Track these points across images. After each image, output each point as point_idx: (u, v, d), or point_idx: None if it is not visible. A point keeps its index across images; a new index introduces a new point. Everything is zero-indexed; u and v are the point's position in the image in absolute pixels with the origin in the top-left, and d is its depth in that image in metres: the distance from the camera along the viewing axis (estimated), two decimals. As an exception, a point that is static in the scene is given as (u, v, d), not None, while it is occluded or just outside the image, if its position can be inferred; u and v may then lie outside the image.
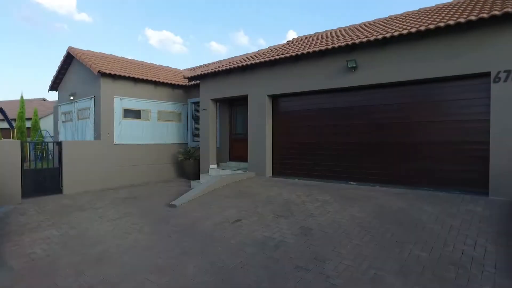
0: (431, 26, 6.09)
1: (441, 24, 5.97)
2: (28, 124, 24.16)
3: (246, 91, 9.46)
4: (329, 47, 7.48)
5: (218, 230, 5.38)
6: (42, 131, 21.70)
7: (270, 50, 10.49)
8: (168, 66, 14.42)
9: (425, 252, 4.05)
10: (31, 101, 28.70)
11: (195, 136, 12.59)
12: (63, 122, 12.61)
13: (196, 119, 12.56)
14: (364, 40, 6.93)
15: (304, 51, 7.91)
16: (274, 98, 9.21)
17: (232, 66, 9.37)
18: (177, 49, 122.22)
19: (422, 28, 6.20)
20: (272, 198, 6.81)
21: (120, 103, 10.63)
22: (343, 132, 7.97)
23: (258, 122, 9.19)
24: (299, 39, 11.43)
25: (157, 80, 11.39)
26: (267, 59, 8.59)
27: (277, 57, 8.39)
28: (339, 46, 7.33)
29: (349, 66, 7.32)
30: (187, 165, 11.49)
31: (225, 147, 11.30)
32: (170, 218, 6.31)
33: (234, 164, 10.99)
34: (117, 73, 10.23)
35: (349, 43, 7.15)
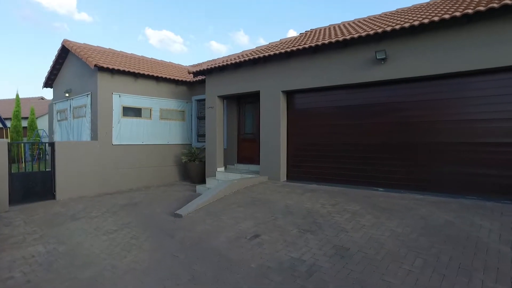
0: (481, 8, 5.22)
1: (495, 5, 5.09)
2: (24, 123, 23.37)
3: (257, 87, 8.60)
4: (355, 36, 6.62)
5: (233, 248, 4.52)
6: (38, 131, 20.86)
7: (282, 42, 9.63)
8: (170, 62, 13.58)
9: (503, 284, 3.18)
10: (28, 99, 27.87)
11: (200, 136, 11.73)
12: (58, 121, 11.77)
13: (201, 117, 11.70)
14: (397, 27, 6.07)
15: (325, 41, 7.04)
16: (289, 94, 8.35)
17: (242, 60, 8.51)
18: (177, 48, 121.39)
19: (470, 10, 5.33)
20: (292, 208, 5.94)
21: (119, 101, 9.78)
22: (367, 132, 7.11)
23: (271, 121, 8.33)
24: (312, 31, 10.56)
25: (159, 75, 10.54)
26: (282, 50, 7.73)
27: (294, 48, 7.53)
28: (367, 35, 6.46)
29: (377, 57, 6.45)
30: (192, 168, 10.63)
31: (233, 148, 10.45)
32: (175, 231, 5.45)
33: (242, 166, 10.13)
34: (116, 68, 9.38)
35: (379, 31, 6.28)
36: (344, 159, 7.42)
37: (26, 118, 22.70)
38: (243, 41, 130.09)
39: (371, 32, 6.38)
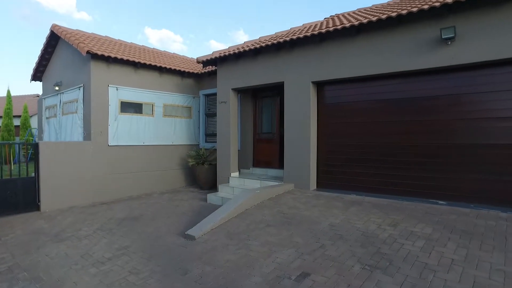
0: None
1: None
2: (17, 122, 21.98)
3: (281, 77, 7.22)
4: (413, 10, 5.24)
5: (278, 299, 3.14)
6: (32, 130, 19.48)
7: (306, 27, 8.23)
8: (175, 53, 12.18)
9: None
10: (23, 97, 26.44)
11: (209, 135, 10.35)
12: (47, 118, 10.38)
13: (210, 115, 10.32)
14: (475, -5, 4.70)
15: (373, 19, 5.66)
16: (320, 86, 6.97)
17: (263, 44, 7.12)
18: (177, 48, 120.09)
19: None
20: (340, 229, 4.56)
21: (116, 94, 8.39)
22: (423, 131, 5.74)
23: (298, 118, 6.95)
24: (339, 15, 9.16)
25: (163, 65, 9.15)
26: (315, 32, 6.34)
27: (330, 29, 6.14)
28: (431, 8, 5.08)
29: (443, 36, 5.07)
30: (200, 172, 9.25)
31: (248, 149, 9.07)
32: (188, 262, 4.07)
33: (259, 171, 8.75)
34: (113, 56, 7.99)
35: (449, 1, 4.90)
36: (392, 164, 6.05)
37: (19, 116, 21.35)
38: (242, 40, 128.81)
39: (437, 4, 4.99)
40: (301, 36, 6.49)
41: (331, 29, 6.09)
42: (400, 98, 6.01)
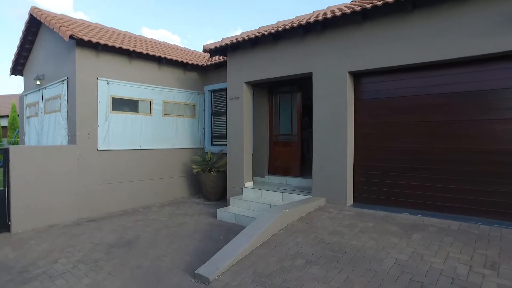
0: None
1: None
2: (5, 122, 20.57)
3: (308, 67, 5.89)
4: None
5: None
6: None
7: (334, 8, 6.90)
8: (175, 44, 10.83)
9: None
10: (9, 96, 24.90)
11: (215, 137, 9.02)
12: (27, 118, 9.01)
13: (217, 113, 8.99)
14: None
15: (437, -14, 4.35)
16: (358, 78, 5.65)
17: (287, 26, 5.78)
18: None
19: None
20: (415, 272, 3.23)
21: (107, 89, 7.04)
22: (502, 133, 4.44)
23: (330, 117, 5.63)
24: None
25: (163, 55, 7.81)
26: (357, 9, 5.02)
27: (378, 2, 4.82)
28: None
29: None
30: (207, 180, 7.90)
31: (262, 154, 7.74)
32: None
33: (277, 180, 7.42)
34: (102, 42, 6.65)
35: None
36: (455, 175, 4.74)
37: (7, 116, 19.93)
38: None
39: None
40: (338, 14, 5.16)
41: (379, 3, 4.77)
42: (467, 91, 4.71)
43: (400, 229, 4.32)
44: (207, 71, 8.97)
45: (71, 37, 6.15)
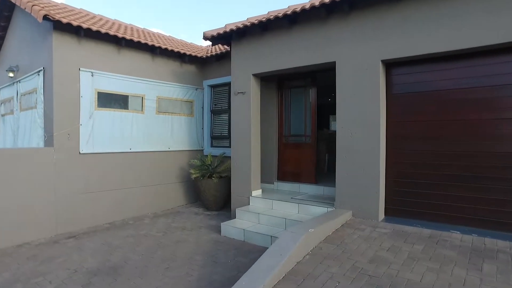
0: None
1: None
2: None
3: (331, 56, 4.97)
4: None
5: None
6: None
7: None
8: (170, 36, 9.82)
9: None
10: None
11: (216, 138, 8.06)
12: (2, 115, 7.92)
13: (217, 111, 8.03)
14: None
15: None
16: (391, 68, 4.75)
17: (307, 6, 4.85)
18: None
19: None
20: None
21: (92, 82, 6.04)
22: None
23: (358, 116, 4.72)
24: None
25: (156, 44, 6.83)
26: (395, -20, 4.12)
27: (423, -28, 3.93)
28: None
29: None
30: (207, 187, 6.94)
31: (270, 157, 6.80)
32: None
33: (288, 187, 6.50)
34: (85, 26, 5.64)
35: None
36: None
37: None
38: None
39: None
40: (370, -12, 4.26)
41: (425, -27, 3.88)
42: (533, 82, 3.84)
43: (461, 256, 3.42)
44: (207, 63, 8.00)
45: (45, 18, 5.13)
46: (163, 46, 6.95)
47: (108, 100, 6.35)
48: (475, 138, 4.17)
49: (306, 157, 6.40)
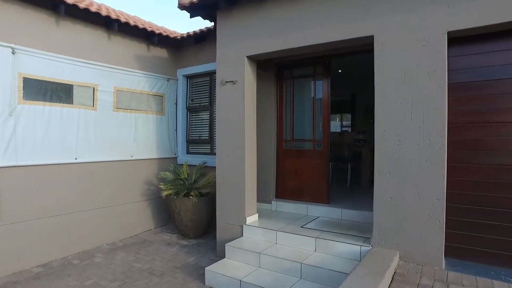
0: None
1: None
2: None
3: (366, 29, 3.48)
4: None
5: None
6: None
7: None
8: (136, 16, 7.94)
9: None
10: None
11: (193, 143, 6.38)
12: None
13: (195, 109, 6.35)
14: None
15: None
16: (453, 45, 3.32)
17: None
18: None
19: None
20: None
21: (13, 63, 4.16)
22: None
23: (409, 114, 3.27)
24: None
25: (114, 17, 5.05)
26: None
27: None
28: None
29: None
30: (183, 208, 5.23)
31: (266, 168, 5.23)
32: None
33: (291, 208, 4.96)
34: (0, -22, 3.78)
35: None
36: None
37: None
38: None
39: None
40: None
41: None
42: None
43: None
44: (183, 47, 6.28)
45: None
46: (123, 20, 5.17)
47: (42, 90, 4.49)
48: None
49: (315, 169, 4.89)
